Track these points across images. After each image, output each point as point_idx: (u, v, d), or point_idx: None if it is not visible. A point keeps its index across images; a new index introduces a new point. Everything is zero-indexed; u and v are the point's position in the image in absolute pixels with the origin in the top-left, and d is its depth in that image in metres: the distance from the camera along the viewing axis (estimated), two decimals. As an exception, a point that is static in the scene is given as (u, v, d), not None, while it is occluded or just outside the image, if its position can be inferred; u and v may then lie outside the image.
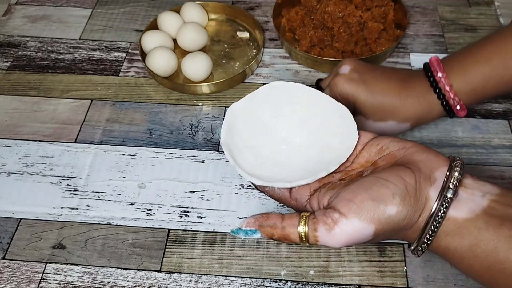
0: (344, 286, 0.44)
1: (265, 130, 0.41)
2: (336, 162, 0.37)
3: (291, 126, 0.41)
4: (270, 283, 0.44)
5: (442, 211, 0.32)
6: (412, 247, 0.35)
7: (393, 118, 0.46)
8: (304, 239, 0.34)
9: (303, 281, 0.44)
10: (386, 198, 0.32)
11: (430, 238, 0.33)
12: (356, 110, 0.47)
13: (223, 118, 0.57)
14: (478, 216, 0.32)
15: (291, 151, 0.40)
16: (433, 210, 0.32)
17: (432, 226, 0.32)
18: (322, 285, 0.44)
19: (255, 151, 0.40)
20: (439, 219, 0.32)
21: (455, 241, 0.32)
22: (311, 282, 0.44)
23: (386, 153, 0.36)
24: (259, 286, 0.44)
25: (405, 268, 0.45)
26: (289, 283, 0.44)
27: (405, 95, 0.46)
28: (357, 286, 0.44)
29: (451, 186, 0.32)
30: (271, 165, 0.39)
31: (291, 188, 0.38)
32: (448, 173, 0.33)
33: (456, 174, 0.32)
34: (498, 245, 0.31)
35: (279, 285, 0.44)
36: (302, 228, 0.34)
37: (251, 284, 0.44)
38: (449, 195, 0.32)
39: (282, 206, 0.49)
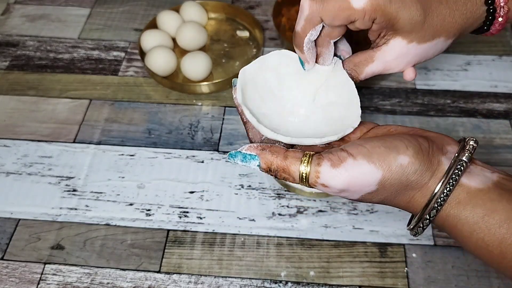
0: (344, 287, 0.44)
1: (274, 99, 0.40)
2: (343, 131, 0.36)
3: (297, 99, 0.40)
4: (270, 284, 0.44)
5: (456, 172, 0.31)
6: (416, 218, 0.33)
7: (442, 34, 0.39)
8: (304, 174, 0.32)
9: (303, 282, 0.44)
10: (400, 147, 0.32)
11: (442, 203, 0.32)
12: (392, 34, 0.39)
13: (223, 118, 0.57)
14: (490, 188, 0.32)
15: (298, 122, 0.40)
16: (445, 172, 0.32)
17: (445, 190, 0.31)
18: (322, 286, 0.44)
19: (267, 119, 0.38)
20: (452, 181, 0.31)
21: (466, 210, 0.32)
22: (312, 283, 0.44)
23: (395, 133, 0.35)
24: (259, 287, 0.44)
25: (406, 269, 0.45)
26: (289, 284, 0.44)
27: (453, 2, 0.39)
28: (357, 287, 0.44)
29: (466, 152, 0.32)
30: (282, 134, 0.38)
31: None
32: (461, 144, 0.33)
33: (472, 142, 0.32)
34: None
35: (279, 286, 0.44)
36: (305, 163, 0.32)
37: (251, 285, 0.44)
38: (464, 158, 0.32)
39: (283, 206, 0.49)
